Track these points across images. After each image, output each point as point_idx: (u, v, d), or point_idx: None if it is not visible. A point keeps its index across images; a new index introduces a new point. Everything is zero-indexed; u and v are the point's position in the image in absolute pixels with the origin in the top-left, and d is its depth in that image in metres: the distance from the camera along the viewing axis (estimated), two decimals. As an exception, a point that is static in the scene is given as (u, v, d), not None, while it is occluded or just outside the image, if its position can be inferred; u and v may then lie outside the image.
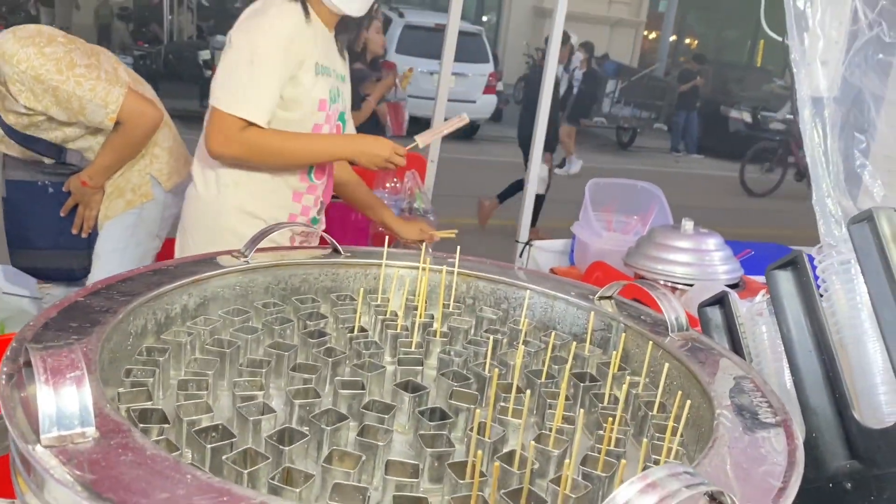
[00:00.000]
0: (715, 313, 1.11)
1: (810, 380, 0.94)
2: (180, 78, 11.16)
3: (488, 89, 11.17)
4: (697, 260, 2.06)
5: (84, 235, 2.19)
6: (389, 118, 5.20)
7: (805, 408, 0.94)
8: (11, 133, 2.05)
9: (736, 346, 1.06)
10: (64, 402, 0.60)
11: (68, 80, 1.93)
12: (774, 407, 0.80)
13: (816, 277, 0.97)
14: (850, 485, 0.88)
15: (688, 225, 2.15)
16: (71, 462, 0.57)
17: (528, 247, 3.08)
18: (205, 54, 11.36)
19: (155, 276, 0.95)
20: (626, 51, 17.53)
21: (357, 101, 4.01)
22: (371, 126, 4.56)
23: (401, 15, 11.32)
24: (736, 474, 0.66)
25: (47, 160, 2.15)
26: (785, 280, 0.98)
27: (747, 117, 12.13)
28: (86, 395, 0.61)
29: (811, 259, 0.99)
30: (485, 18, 18.91)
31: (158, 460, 0.58)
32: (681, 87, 12.54)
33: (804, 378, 0.94)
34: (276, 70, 1.65)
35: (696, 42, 19.78)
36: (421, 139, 1.90)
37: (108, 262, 2.16)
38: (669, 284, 2.05)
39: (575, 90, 9.97)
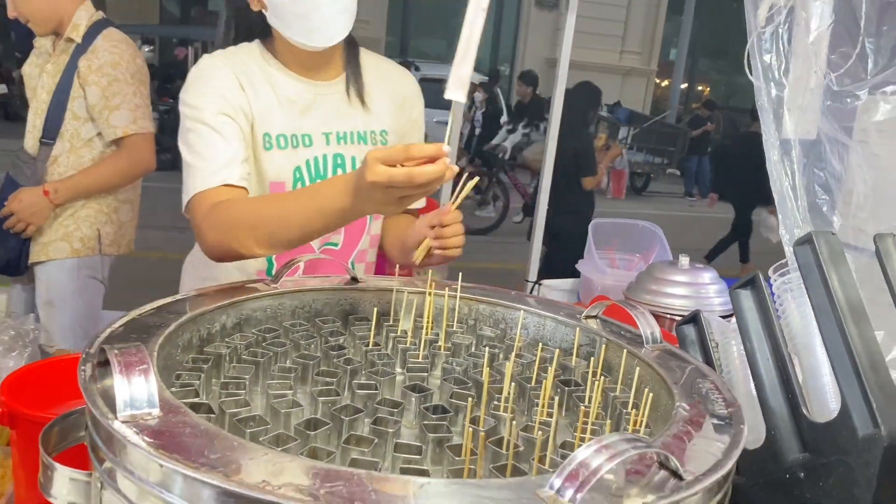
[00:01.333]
0: (690, 331, 1.24)
1: (769, 384, 1.07)
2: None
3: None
4: (693, 293, 2.19)
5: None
6: (612, 184, 5.47)
7: (765, 409, 1.06)
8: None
9: (708, 360, 1.20)
10: (135, 388, 0.75)
11: (130, 86, 2.22)
12: (727, 401, 0.93)
13: (773, 294, 1.11)
14: (803, 474, 1.00)
15: (684, 260, 2.29)
16: (142, 433, 0.72)
17: (537, 286, 3.22)
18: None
19: (198, 299, 1.11)
20: (639, 99, 17.83)
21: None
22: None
23: (416, 69, 11.68)
24: (683, 448, 0.79)
25: None
26: (745, 298, 1.12)
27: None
28: (152, 383, 0.76)
29: (769, 279, 1.13)
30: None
31: (211, 431, 0.73)
32: (692, 132, 12.76)
33: (764, 383, 1.07)
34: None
35: (707, 88, 20.10)
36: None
37: (61, 311, 2.30)
38: (668, 316, 2.18)
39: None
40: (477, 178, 1.46)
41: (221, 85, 1.43)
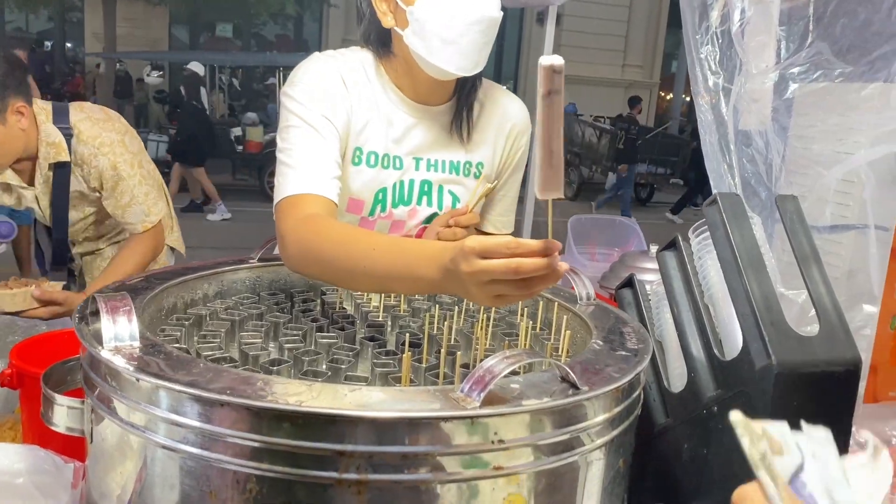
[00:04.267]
0: (627, 294, 1.37)
1: (689, 333, 1.20)
2: (214, 154, 11.79)
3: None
4: (662, 278, 2.32)
5: None
6: None
7: (686, 355, 1.19)
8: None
9: (642, 318, 1.33)
10: (119, 326, 0.90)
11: (135, 177, 2.07)
12: (639, 339, 1.07)
13: (694, 253, 1.24)
14: (716, 408, 1.13)
15: (654, 249, 2.42)
16: (127, 360, 0.86)
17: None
18: (236, 131, 11.98)
19: (184, 271, 1.25)
20: (642, 111, 17.97)
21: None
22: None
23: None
24: (587, 369, 0.92)
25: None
26: (670, 258, 1.26)
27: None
28: (133, 322, 0.90)
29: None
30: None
31: (184, 358, 0.87)
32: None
33: (685, 332, 1.20)
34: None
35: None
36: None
37: None
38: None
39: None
40: (495, 183, 1.53)
41: (330, 87, 1.36)
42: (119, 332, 0.89)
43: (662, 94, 20.12)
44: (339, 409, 0.75)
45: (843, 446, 1.11)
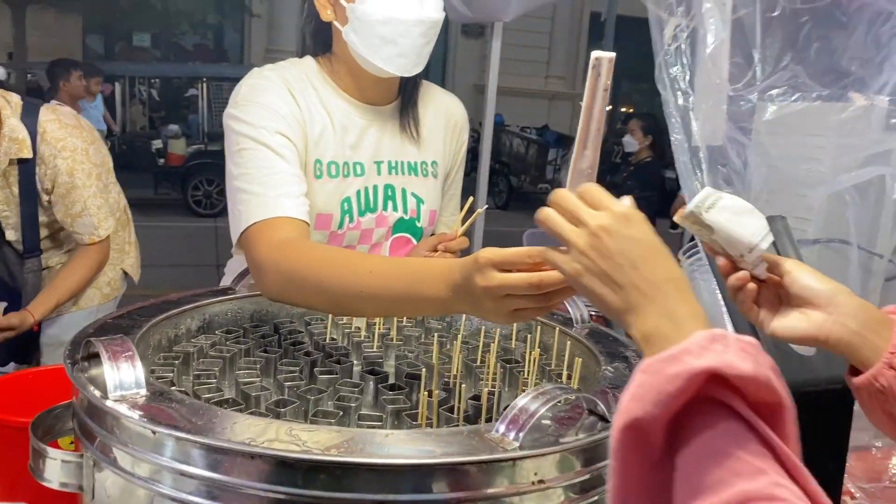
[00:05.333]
0: (615, 314, 1.38)
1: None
2: (134, 167, 11.41)
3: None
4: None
5: None
6: None
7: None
8: None
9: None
10: (123, 373, 0.84)
11: (90, 188, 2.04)
12: (647, 364, 1.07)
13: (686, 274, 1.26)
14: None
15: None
16: (133, 409, 0.80)
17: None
18: (157, 144, 11.63)
19: (163, 305, 1.19)
20: (566, 121, 18.33)
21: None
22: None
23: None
24: (608, 399, 0.91)
25: None
26: (661, 279, 1.27)
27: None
28: (138, 368, 0.85)
29: (680, 262, 1.27)
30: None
31: (196, 405, 0.82)
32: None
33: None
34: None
35: (631, 109, 20.81)
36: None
37: None
38: (599, 315, 2.33)
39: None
40: (485, 207, 1.52)
41: (279, 102, 1.30)
42: (124, 380, 0.83)
43: (584, 105, 20.52)
44: (381, 458, 0.72)
45: (840, 460, 1.14)
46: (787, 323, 0.87)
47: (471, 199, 1.53)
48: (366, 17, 1.27)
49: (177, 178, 10.70)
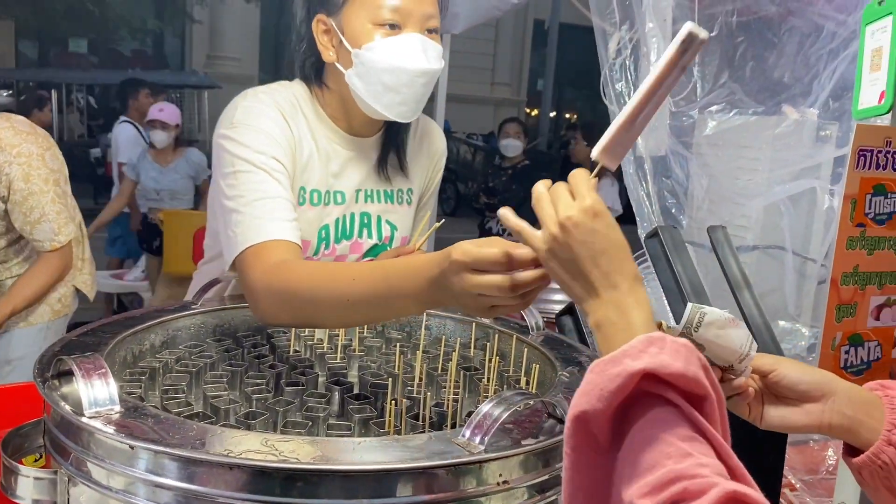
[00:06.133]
0: (567, 321, 1.44)
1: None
2: (72, 177, 11.12)
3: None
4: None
5: None
6: None
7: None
8: None
9: (584, 343, 1.39)
10: (97, 390, 0.85)
11: (48, 193, 2.03)
12: (600, 369, 1.12)
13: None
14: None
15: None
16: (109, 424, 0.82)
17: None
18: (96, 152, 11.39)
19: (127, 321, 1.20)
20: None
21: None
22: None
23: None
24: (567, 402, 0.97)
25: None
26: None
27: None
28: (112, 384, 0.86)
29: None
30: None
31: (171, 419, 0.84)
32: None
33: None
34: None
35: (574, 116, 21.15)
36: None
37: (19, 370, 2.14)
38: (551, 319, 2.40)
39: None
40: (443, 221, 1.53)
41: (274, 126, 1.31)
42: (98, 397, 0.85)
43: (529, 111, 20.83)
44: (357, 465, 0.76)
45: (780, 453, 1.21)
46: (783, 415, 0.88)
47: (428, 213, 1.58)
48: (371, 65, 1.29)
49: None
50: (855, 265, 1.05)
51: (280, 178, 1.27)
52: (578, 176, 0.82)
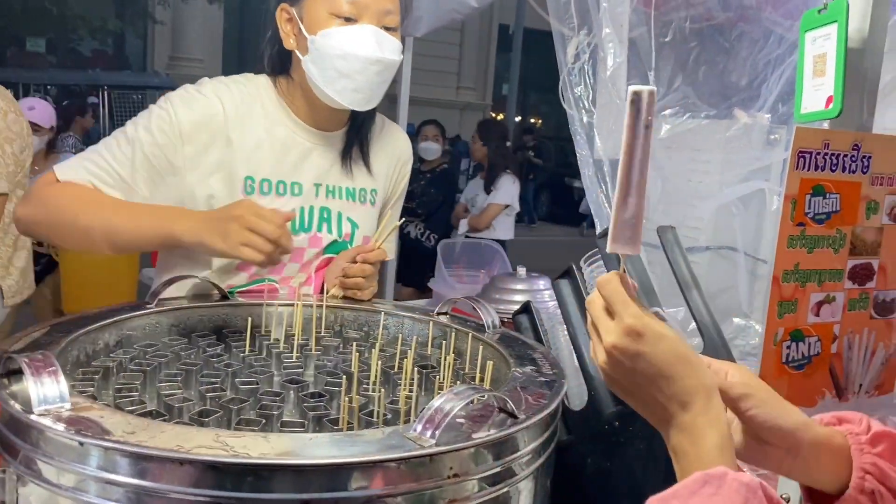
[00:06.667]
0: (524, 319, 1.46)
1: (587, 355, 1.29)
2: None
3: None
4: (531, 297, 2.45)
5: None
6: None
7: (585, 374, 1.29)
8: None
9: (540, 341, 1.41)
10: (47, 388, 0.85)
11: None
12: (552, 366, 1.15)
13: (588, 281, 1.35)
14: (617, 423, 1.23)
15: (521, 271, 2.55)
16: (59, 422, 0.82)
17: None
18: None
19: (81, 321, 1.19)
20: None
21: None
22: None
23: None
24: (518, 398, 0.98)
25: None
26: (565, 286, 1.35)
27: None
28: (62, 382, 0.86)
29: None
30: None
31: (120, 416, 0.84)
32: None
33: (583, 354, 1.29)
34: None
35: (539, 120, 21.31)
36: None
37: None
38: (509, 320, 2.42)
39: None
40: (402, 220, 1.58)
41: (191, 129, 1.36)
42: (48, 395, 0.84)
43: (494, 115, 20.95)
44: (307, 459, 0.76)
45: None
46: (751, 455, 0.82)
47: (389, 213, 1.59)
48: (325, 50, 1.34)
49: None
50: (796, 263, 1.09)
51: (138, 163, 1.36)
52: (608, 287, 0.76)
